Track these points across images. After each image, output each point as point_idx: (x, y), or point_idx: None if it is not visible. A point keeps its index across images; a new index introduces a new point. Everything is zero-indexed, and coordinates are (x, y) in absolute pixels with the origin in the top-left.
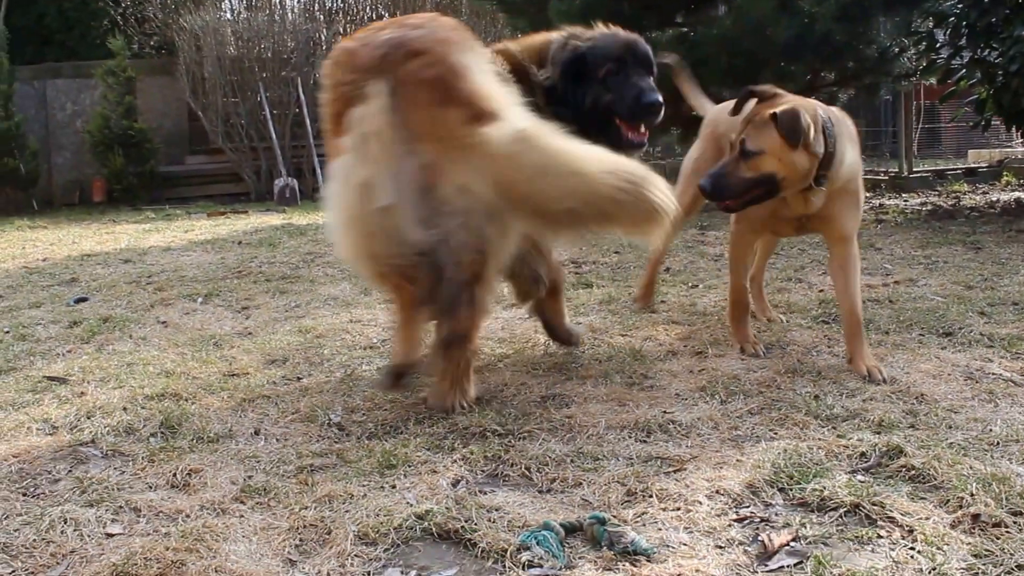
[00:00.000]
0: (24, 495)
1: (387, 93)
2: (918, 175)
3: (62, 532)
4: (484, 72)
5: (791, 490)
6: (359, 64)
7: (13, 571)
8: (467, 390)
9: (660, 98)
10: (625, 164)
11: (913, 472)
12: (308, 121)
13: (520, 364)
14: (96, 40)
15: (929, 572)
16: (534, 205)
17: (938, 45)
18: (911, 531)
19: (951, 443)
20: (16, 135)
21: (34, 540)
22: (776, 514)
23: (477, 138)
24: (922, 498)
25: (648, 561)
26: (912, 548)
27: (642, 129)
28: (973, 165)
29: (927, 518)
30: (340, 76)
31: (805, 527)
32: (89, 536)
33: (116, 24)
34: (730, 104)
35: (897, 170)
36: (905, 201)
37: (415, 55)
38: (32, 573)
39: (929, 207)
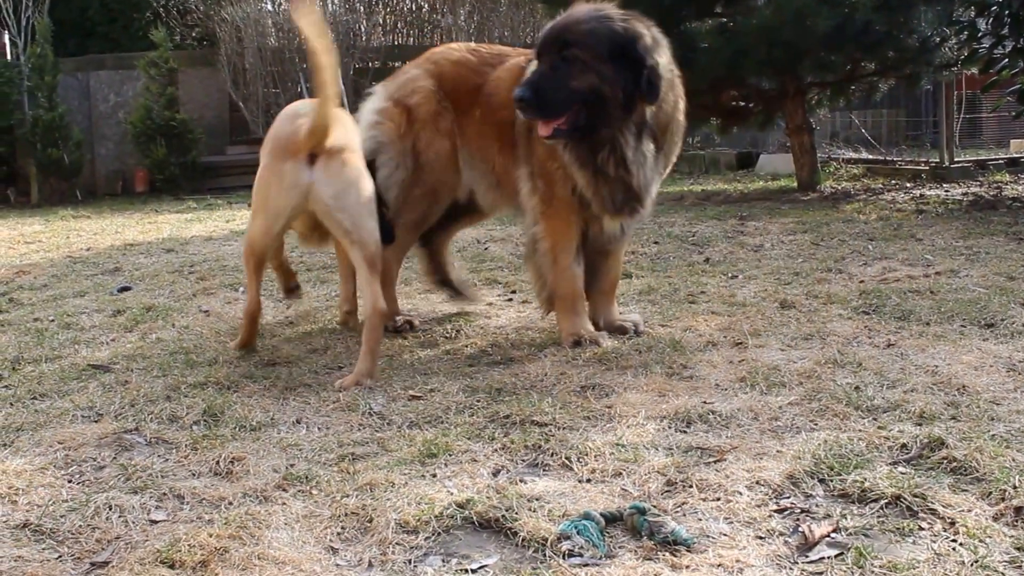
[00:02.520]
0: (70, 481)
1: None
2: (959, 165)
3: (107, 518)
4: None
5: (832, 481)
6: None
7: (60, 556)
8: None
9: (519, 92)
10: None
11: (955, 464)
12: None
13: (560, 354)
14: (139, 32)
15: (971, 565)
16: None
17: (980, 34)
18: (953, 523)
19: (993, 435)
20: (60, 126)
21: (80, 526)
22: (816, 505)
23: None
24: (964, 490)
25: (688, 551)
26: (954, 540)
27: (542, 123)
28: (1015, 155)
29: (969, 510)
30: None
31: (846, 518)
32: (134, 522)
33: (158, 16)
34: None
35: (938, 160)
36: (946, 191)
37: None
38: (78, 558)
39: (970, 197)
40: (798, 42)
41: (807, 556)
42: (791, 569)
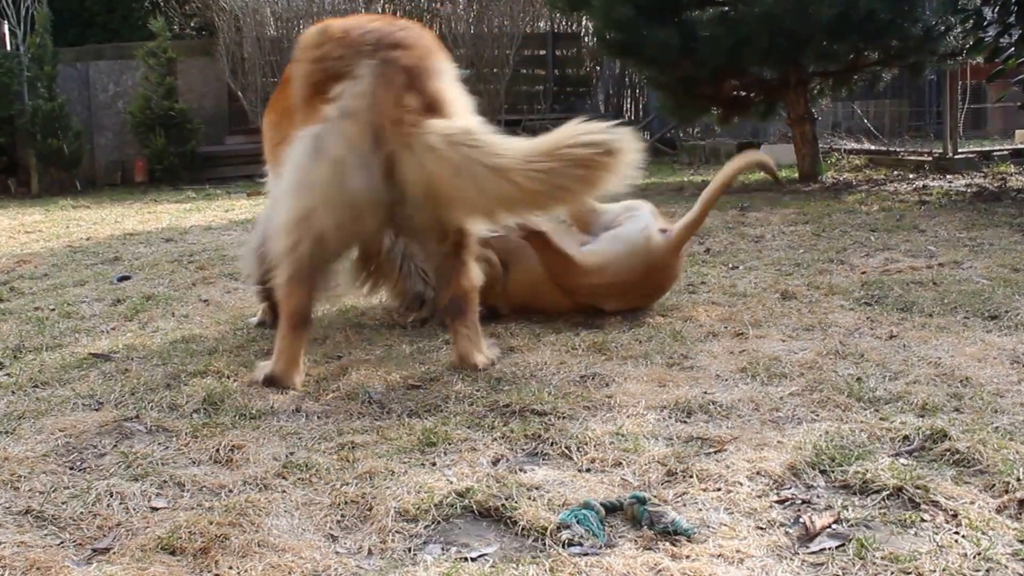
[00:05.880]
0: (71, 469)
1: (371, 75)
2: (963, 156)
3: (108, 505)
4: (452, 80)
5: (833, 472)
6: (351, 42)
7: (62, 543)
8: (483, 347)
9: None
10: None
11: (957, 456)
12: None
13: (560, 343)
14: (137, 22)
15: (974, 557)
16: (455, 201)
17: (985, 23)
18: (955, 515)
19: (996, 427)
20: (60, 116)
21: (81, 513)
22: (818, 496)
23: (423, 128)
24: (967, 482)
25: (688, 541)
26: (956, 532)
27: None
28: (1020, 146)
29: (972, 502)
30: (329, 49)
31: (847, 510)
32: (135, 509)
33: (157, 6)
34: None
35: (942, 151)
36: (950, 183)
37: (400, 46)
38: (80, 545)
39: (974, 188)
40: (800, 31)
41: (808, 547)
42: (792, 560)
